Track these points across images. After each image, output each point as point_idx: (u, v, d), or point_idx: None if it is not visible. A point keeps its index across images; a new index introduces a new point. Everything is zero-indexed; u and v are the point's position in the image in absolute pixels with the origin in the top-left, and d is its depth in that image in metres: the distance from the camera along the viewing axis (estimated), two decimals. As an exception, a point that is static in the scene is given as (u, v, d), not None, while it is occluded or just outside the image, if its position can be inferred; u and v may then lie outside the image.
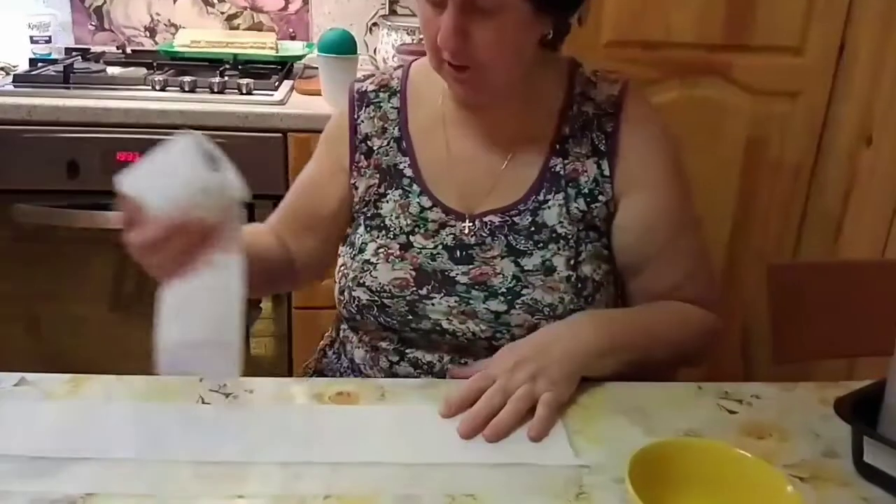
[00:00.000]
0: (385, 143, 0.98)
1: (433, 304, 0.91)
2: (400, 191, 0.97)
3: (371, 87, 1.01)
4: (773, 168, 1.86)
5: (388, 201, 0.97)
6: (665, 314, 0.95)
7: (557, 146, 0.95)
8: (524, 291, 0.90)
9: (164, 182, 0.75)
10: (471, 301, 0.91)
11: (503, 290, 0.91)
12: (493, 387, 0.79)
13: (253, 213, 1.68)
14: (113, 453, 0.70)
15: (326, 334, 1.13)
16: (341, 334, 1.05)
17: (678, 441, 0.74)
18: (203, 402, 0.79)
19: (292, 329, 1.80)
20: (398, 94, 1.00)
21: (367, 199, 0.98)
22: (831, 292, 1.19)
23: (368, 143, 0.99)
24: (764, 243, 1.90)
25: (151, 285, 0.84)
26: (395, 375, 0.95)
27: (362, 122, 1.00)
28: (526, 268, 0.91)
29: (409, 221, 0.95)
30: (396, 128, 0.99)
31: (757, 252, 1.89)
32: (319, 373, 1.08)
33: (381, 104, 1.00)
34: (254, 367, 1.84)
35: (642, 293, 0.98)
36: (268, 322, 1.82)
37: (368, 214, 0.98)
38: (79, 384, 0.81)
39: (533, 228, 0.93)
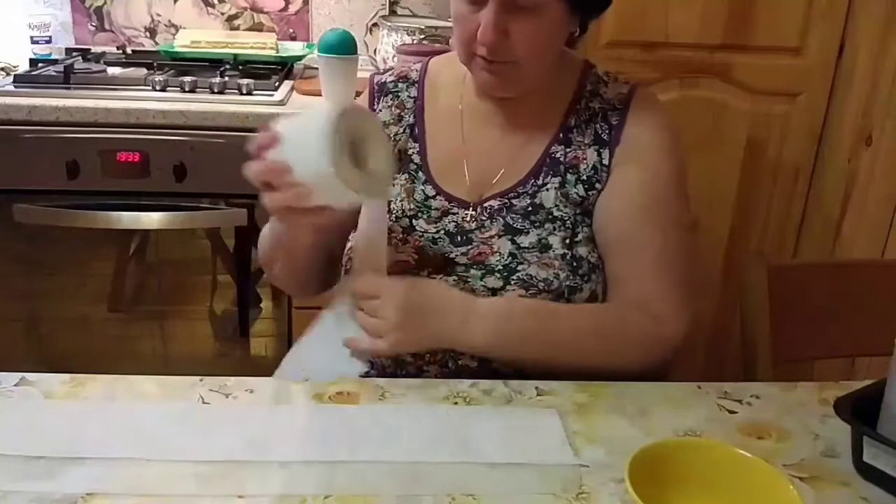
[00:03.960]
0: (400, 129, 1.02)
1: None
2: (406, 175, 0.99)
3: (390, 79, 1.05)
4: (773, 168, 1.86)
5: (395, 185, 0.99)
6: (591, 321, 0.91)
7: (561, 135, 0.98)
8: (520, 268, 0.92)
9: (309, 158, 0.76)
10: (469, 279, 0.93)
11: (500, 267, 0.93)
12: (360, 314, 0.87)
13: (253, 213, 1.69)
14: (113, 453, 0.70)
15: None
16: None
17: (678, 441, 0.74)
18: (203, 402, 0.79)
19: (292, 329, 1.80)
20: (416, 85, 1.04)
21: None
22: (831, 292, 1.19)
23: (386, 131, 1.01)
24: (763, 243, 1.91)
25: (151, 285, 0.84)
26: (402, 361, 0.95)
27: (381, 111, 1.03)
28: (522, 245, 0.93)
29: (412, 206, 0.98)
30: (412, 115, 1.02)
31: (757, 252, 1.89)
32: None
33: (400, 94, 1.04)
34: (254, 367, 1.84)
35: (610, 280, 0.94)
36: (268, 322, 1.82)
37: None
38: (79, 384, 0.81)
39: (531, 209, 0.95)
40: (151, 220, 1.68)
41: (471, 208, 0.97)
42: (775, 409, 0.82)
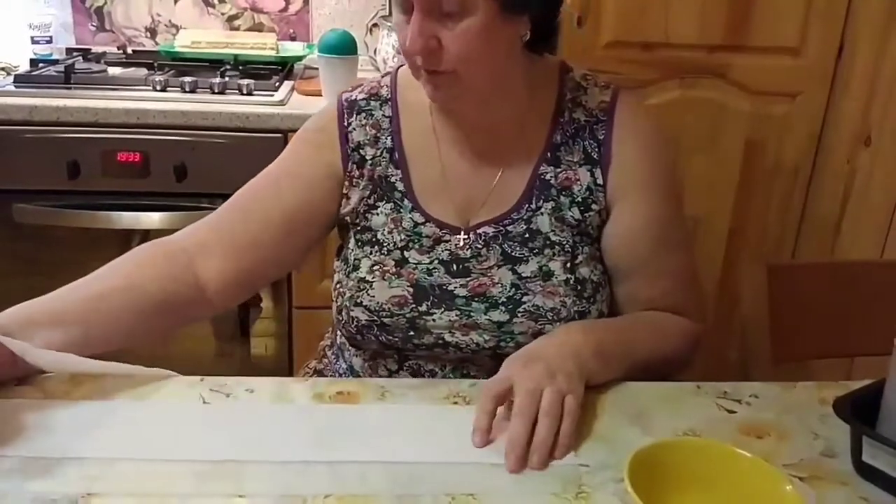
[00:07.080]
0: (378, 152, 0.95)
1: (434, 320, 0.90)
2: (392, 204, 0.95)
3: (361, 96, 0.98)
4: (772, 168, 1.86)
5: (378, 214, 0.95)
6: (644, 324, 0.94)
7: (549, 154, 0.94)
8: (525, 299, 0.90)
9: None
10: (472, 314, 0.90)
11: (503, 299, 0.90)
12: (519, 399, 0.74)
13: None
14: (112, 453, 0.70)
15: (327, 335, 1.13)
16: (338, 339, 1.04)
17: (677, 440, 0.74)
18: (203, 402, 0.79)
19: (292, 329, 1.80)
20: (389, 103, 0.97)
21: (358, 210, 0.96)
22: (830, 292, 1.19)
23: (361, 151, 0.96)
24: (763, 243, 1.91)
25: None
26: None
27: (353, 129, 0.96)
28: (524, 275, 0.91)
29: (402, 237, 0.94)
30: (389, 138, 0.96)
31: (756, 252, 1.89)
32: (319, 373, 1.08)
33: (373, 112, 0.97)
34: (254, 367, 1.84)
35: (627, 300, 0.97)
36: (268, 322, 1.82)
37: (359, 227, 0.96)
38: (79, 384, 0.81)
39: (527, 235, 0.92)
40: (152, 220, 1.68)
41: (462, 233, 0.93)
42: (775, 408, 0.82)
